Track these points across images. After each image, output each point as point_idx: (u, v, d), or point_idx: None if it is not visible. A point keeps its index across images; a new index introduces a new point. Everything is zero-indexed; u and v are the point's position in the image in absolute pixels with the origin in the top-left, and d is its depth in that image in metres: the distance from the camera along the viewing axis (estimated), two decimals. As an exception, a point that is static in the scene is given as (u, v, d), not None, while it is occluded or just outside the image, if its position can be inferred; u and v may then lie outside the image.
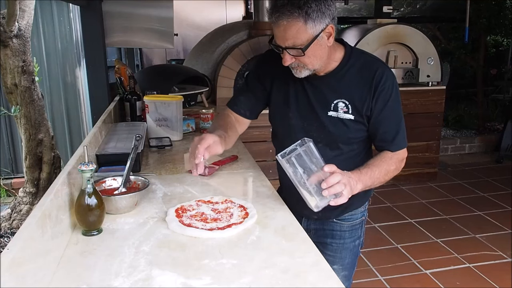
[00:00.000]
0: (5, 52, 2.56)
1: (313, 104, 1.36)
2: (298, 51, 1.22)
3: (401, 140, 1.36)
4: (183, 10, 4.80)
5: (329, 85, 1.34)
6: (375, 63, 1.34)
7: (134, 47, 4.52)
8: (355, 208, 1.52)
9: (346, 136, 1.36)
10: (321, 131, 1.37)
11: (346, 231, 1.52)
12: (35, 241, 0.88)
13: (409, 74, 4.01)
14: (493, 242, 3.03)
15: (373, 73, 1.30)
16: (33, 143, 2.79)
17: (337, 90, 1.33)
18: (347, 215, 1.52)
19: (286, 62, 1.26)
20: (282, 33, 1.21)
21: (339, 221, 1.52)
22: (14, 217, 2.89)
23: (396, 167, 1.35)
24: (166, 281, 0.91)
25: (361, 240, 1.59)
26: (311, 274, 0.94)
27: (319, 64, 1.28)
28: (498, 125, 5.64)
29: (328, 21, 1.21)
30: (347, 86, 1.32)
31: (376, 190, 4.03)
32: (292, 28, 1.18)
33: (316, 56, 1.25)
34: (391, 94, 1.31)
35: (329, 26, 1.22)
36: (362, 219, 1.57)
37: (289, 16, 1.17)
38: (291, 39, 1.20)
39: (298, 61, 1.26)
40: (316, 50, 1.24)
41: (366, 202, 1.58)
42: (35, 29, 3.66)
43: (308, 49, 1.21)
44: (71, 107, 4.11)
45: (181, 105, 2.14)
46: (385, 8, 4.10)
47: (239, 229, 1.14)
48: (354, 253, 1.58)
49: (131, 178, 1.38)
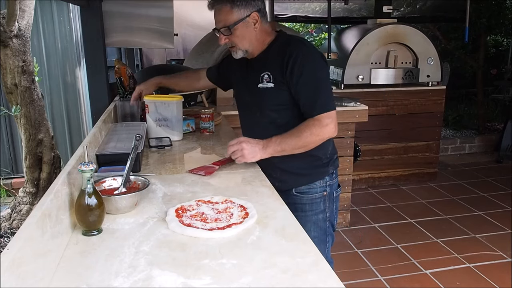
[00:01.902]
0: (5, 52, 2.56)
1: (249, 80, 1.65)
2: (227, 31, 1.54)
3: (320, 105, 1.52)
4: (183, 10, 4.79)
5: (260, 63, 1.62)
6: (291, 41, 1.58)
7: (134, 47, 4.52)
8: (310, 182, 1.69)
9: (271, 102, 1.60)
10: (254, 102, 1.66)
11: (306, 204, 1.70)
12: (35, 241, 0.88)
13: (409, 74, 4.01)
14: (493, 242, 3.03)
15: (286, 48, 1.55)
16: (33, 143, 2.79)
17: (264, 65, 1.60)
18: (304, 187, 1.69)
19: (221, 41, 1.57)
20: (216, 17, 1.55)
21: (298, 194, 1.70)
22: (14, 217, 2.89)
23: (314, 131, 1.51)
24: (166, 281, 0.91)
25: (326, 216, 1.72)
26: (311, 274, 0.94)
27: (249, 45, 1.59)
28: (498, 125, 5.64)
29: (252, 9, 1.53)
30: (270, 61, 1.59)
31: (376, 190, 4.04)
32: (222, 11, 1.53)
33: (244, 38, 1.56)
34: (303, 65, 1.51)
35: (254, 13, 1.53)
36: (324, 194, 1.71)
37: (219, 2, 1.53)
38: (222, 21, 1.54)
39: (230, 41, 1.57)
40: (244, 33, 1.55)
41: (327, 177, 1.71)
42: (35, 29, 3.67)
43: (235, 29, 1.53)
44: (71, 107, 4.11)
45: (181, 105, 2.14)
46: (385, 8, 4.10)
47: (239, 229, 1.14)
48: (320, 228, 1.72)
49: (131, 178, 1.38)
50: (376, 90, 3.95)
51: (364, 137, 3.82)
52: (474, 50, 5.90)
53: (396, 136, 4.09)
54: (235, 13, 1.51)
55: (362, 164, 3.93)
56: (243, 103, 1.79)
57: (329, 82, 1.61)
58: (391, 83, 4.01)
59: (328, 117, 1.52)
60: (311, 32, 7.11)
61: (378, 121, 3.96)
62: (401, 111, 4.07)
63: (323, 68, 1.56)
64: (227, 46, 1.61)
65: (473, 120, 5.71)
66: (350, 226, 3.32)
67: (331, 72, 4.08)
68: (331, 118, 1.53)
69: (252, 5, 1.53)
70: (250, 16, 1.53)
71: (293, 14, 4.90)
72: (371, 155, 4.05)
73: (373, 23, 4.11)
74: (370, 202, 3.81)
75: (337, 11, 4.98)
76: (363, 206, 3.70)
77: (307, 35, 6.97)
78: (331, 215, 1.74)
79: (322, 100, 1.53)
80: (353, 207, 3.63)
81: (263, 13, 1.58)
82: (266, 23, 1.60)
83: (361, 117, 3.10)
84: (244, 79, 1.71)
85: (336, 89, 3.92)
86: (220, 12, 1.53)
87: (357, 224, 3.36)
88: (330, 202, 1.73)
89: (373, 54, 3.96)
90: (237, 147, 1.51)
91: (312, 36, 7.09)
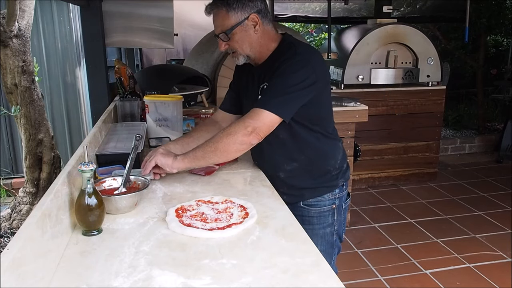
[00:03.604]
0: (5, 52, 2.56)
1: (251, 90, 1.54)
2: (225, 36, 1.44)
3: (263, 102, 1.37)
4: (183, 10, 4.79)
5: (261, 72, 1.50)
6: (288, 45, 1.46)
7: (134, 47, 4.52)
8: (320, 195, 1.58)
9: None
10: None
11: (314, 217, 1.59)
12: (35, 241, 0.88)
13: (409, 74, 4.01)
14: (493, 242, 3.03)
15: (283, 54, 1.43)
16: (33, 143, 2.79)
17: (263, 75, 1.48)
18: (312, 200, 1.58)
19: (221, 47, 1.47)
20: (214, 23, 1.46)
21: (306, 207, 1.59)
22: (14, 217, 2.89)
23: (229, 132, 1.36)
24: (166, 281, 0.91)
25: (334, 229, 1.63)
26: (311, 274, 0.94)
27: (250, 51, 1.47)
28: (498, 125, 5.64)
29: (250, 11, 1.42)
30: (268, 71, 1.46)
31: (376, 190, 4.04)
32: (218, 16, 1.43)
33: (244, 42, 1.45)
34: (284, 69, 1.38)
35: (252, 15, 1.42)
36: (333, 207, 1.61)
37: (215, 7, 1.43)
38: (219, 26, 1.44)
39: (230, 46, 1.46)
40: (243, 37, 1.44)
41: (336, 190, 1.60)
42: (35, 29, 3.67)
43: (233, 34, 1.42)
44: (71, 107, 4.11)
45: (181, 105, 2.14)
46: (385, 8, 4.10)
47: (239, 229, 1.14)
48: (328, 242, 1.63)
49: (131, 178, 1.38)
50: (376, 90, 3.95)
51: (364, 137, 3.82)
52: (474, 50, 5.89)
53: (396, 136, 4.09)
54: (231, 17, 1.41)
55: (362, 164, 3.93)
56: (244, 111, 1.60)
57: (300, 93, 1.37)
58: (391, 83, 4.01)
59: (262, 119, 1.34)
60: (311, 32, 7.11)
61: (378, 121, 3.96)
62: (401, 111, 4.07)
63: (303, 78, 1.37)
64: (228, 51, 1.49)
65: (473, 120, 5.71)
66: (350, 226, 3.32)
67: (332, 72, 4.08)
68: (264, 122, 1.34)
69: (249, 7, 1.41)
70: (248, 18, 1.42)
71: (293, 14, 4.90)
72: (371, 155, 4.05)
73: (373, 23, 4.11)
74: (370, 202, 3.81)
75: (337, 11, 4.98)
76: (363, 206, 3.70)
77: (307, 35, 6.97)
78: (339, 228, 1.65)
79: (273, 100, 1.35)
80: (353, 207, 3.63)
81: (264, 13, 1.45)
82: (268, 25, 1.47)
83: (361, 117, 3.10)
84: (246, 89, 1.59)
85: (336, 89, 3.92)
86: (217, 17, 1.44)
87: (357, 224, 3.36)
88: (339, 214, 1.64)
89: (373, 54, 3.96)
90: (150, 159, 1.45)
91: (312, 36, 7.08)
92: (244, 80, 1.60)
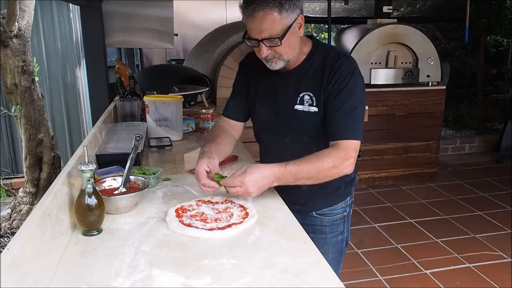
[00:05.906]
0: (5, 52, 2.56)
1: (280, 98, 1.41)
2: (275, 41, 1.25)
3: (348, 130, 1.31)
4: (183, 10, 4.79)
5: (296, 78, 1.38)
6: (338, 55, 1.35)
7: (134, 47, 4.52)
8: (334, 204, 1.54)
9: (312, 129, 1.38)
10: (286, 124, 1.42)
11: (327, 226, 1.55)
12: (35, 241, 0.88)
13: (409, 74, 4.01)
14: (493, 242, 3.02)
15: (334, 62, 1.32)
16: (33, 143, 2.79)
17: (303, 83, 1.37)
18: (326, 210, 1.54)
19: (263, 54, 1.29)
20: (258, 25, 1.24)
21: (319, 216, 1.55)
22: (14, 217, 2.89)
23: (334, 164, 1.27)
24: (166, 281, 0.91)
25: (344, 236, 1.61)
26: (311, 274, 0.94)
27: (293, 55, 1.33)
28: (498, 125, 5.64)
29: (299, 12, 1.27)
30: (312, 79, 1.35)
31: (376, 190, 4.04)
32: (268, 18, 1.22)
33: (290, 46, 1.29)
34: (347, 83, 1.30)
35: (300, 17, 1.28)
36: (344, 215, 1.58)
37: (265, 7, 1.21)
38: (267, 30, 1.24)
39: (274, 51, 1.29)
40: (291, 40, 1.28)
41: (348, 198, 1.58)
42: (35, 29, 3.66)
43: (284, 38, 1.25)
44: (71, 107, 4.11)
45: (181, 105, 2.14)
46: (385, 8, 4.10)
47: (239, 229, 1.14)
48: (338, 249, 1.60)
49: (131, 178, 1.38)
50: (376, 90, 3.95)
51: (364, 137, 3.77)
52: (474, 50, 5.89)
53: (396, 136, 4.09)
54: (283, 19, 1.23)
55: (362, 164, 3.93)
56: (265, 121, 1.48)
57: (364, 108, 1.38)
58: (391, 83, 4.01)
59: (351, 151, 1.30)
60: (311, 32, 7.11)
61: (378, 121, 3.96)
62: (401, 111, 4.07)
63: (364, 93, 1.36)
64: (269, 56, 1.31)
65: (473, 120, 5.71)
66: (350, 226, 3.31)
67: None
68: (356, 151, 1.32)
69: (297, 6, 1.26)
70: (297, 19, 1.27)
71: (293, 14, 4.90)
72: (371, 155, 4.05)
73: (373, 23, 4.11)
74: (370, 202, 3.81)
75: (337, 11, 4.98)
76: (363, 206, 3.70)
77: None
78: (347, 235, 1.64)
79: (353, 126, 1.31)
80: (353, 207, 3.62)
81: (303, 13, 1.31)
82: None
83: (361, 117, 3.09)
84: (271, 95, 1.43)
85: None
86: (265, 19, 1.22)
87: (357, 224, 3.36)
88: (348, 221, 1.62)
89: (373, 54, 3.96)
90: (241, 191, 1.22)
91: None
92: (263, 85, 1.46)
